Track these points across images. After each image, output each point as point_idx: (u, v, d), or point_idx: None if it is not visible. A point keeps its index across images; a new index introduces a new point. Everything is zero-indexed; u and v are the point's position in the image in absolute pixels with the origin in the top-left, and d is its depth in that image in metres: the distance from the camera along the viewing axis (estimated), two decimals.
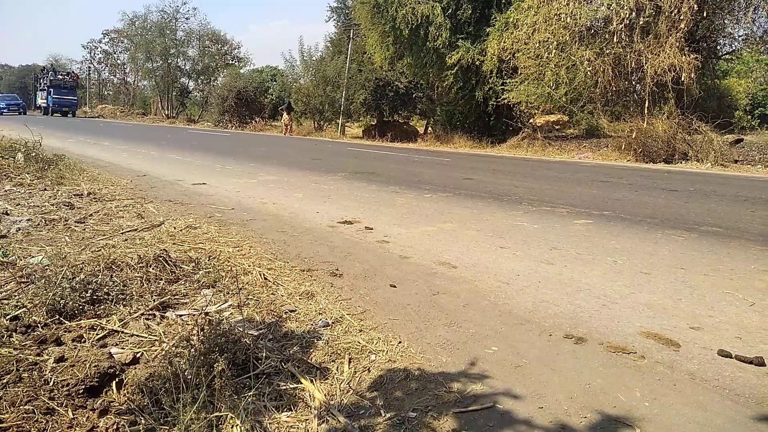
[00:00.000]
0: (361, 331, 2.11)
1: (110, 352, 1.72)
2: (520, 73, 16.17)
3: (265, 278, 2.64)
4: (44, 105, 47.67)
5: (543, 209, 5.17)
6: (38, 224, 3.39)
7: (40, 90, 48.43)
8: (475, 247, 3.59)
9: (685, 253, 3.59)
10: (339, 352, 1.91)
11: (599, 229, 4.29)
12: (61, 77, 46.51)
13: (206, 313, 2.10)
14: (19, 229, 3.22)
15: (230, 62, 43.76)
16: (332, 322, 2.16)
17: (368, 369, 1.81)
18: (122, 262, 2.53)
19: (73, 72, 50.06)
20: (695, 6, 13.63)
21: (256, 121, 31.93)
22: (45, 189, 4.67)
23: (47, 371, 1.55)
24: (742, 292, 2.76)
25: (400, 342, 2.03)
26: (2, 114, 38.61)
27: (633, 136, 13.79)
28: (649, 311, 2.44)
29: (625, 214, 4.99)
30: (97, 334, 1.87)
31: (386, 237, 3.82)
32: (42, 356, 1.65)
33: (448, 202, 5.46)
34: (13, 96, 46.82)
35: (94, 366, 1.57)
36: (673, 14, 13.82)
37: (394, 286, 2.71)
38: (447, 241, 3.74)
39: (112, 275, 2.34)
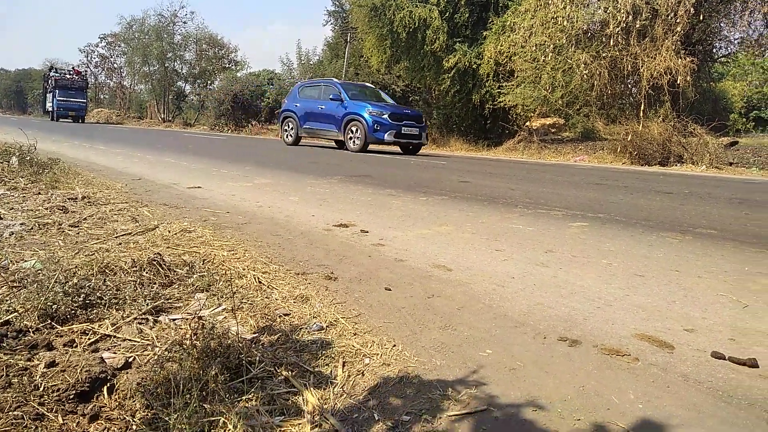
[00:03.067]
0: (355, 334, 2.10)
1: (102, 357, 1.70)
2: (517, 77, 16.27)
3: (260, 282, 2.64)
4: (50, 109, 41.55)
5: (538, 212, 5.17)
6: (32, 228, 3.37)
7: (49, 92, 42.49)
8: (471, 250, 3.59)
9: (680, 255, 3.60)
10: (333, 355, 1.90)
11: (594, 232, 4.29)
12: (69, 76, 41.09)
13: (199, 317, 2.10)
14: (13, 234, 3.20)
15: (227, 66, 43.79)
16: (326, 326, 2.16)
17: (362, 372, 1.80)
18: (116, 266, 2.51)
19: (75, 69, 44.67)
20: (692, 9, 13.74)
21: (252, 125, 31.97)
22: (39, 193, 4.66)
23: (37, 376, 1.54)
24: (736, 294, 2.76)
25: (394, 345, 2.02)
26: None
27: (629, 139, 13.86)
28: (643, 313, 2.44)
29: (621, 217, 5.00)
30: (89, 339, 1.86)
31: (381, 240, 3.81)
32: (32, 361, 1.64)
33: (444, 205, 5.46)
34: None
35: (86, 371, 1.55)
36: (669, 17, 13.92)
37: (389, 290, 2.70)
38: (442, 244, 3.74)
39: (105, 279, 2.33)
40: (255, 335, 2.01)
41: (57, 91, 38.96)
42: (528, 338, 2.14)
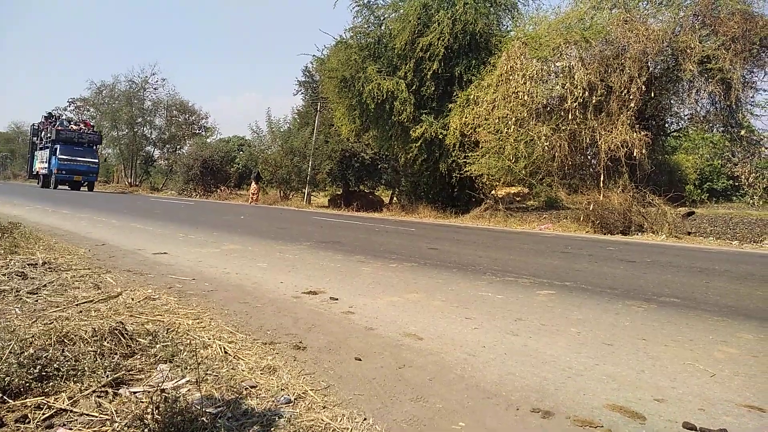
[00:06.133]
0: (324, 407, 2.04)
1: None
2: (481, 147, 16.77)
3: (226, 352, 2.56)
4: (44, 171, 31.12)
5: (506, 279, 5.22)
6: None
7: (41, 149, 32.81)
8: (441, 318, 3.57)
9: (646, 323, 3.65)
10: (301, 430, 1.84)
11: (562, 300, 4.34)
12: (75, 126, 31.45)
13: (162, 390, 2.01)
14: None
15: (197, 132, 44.07)
16: (295, 399, 2.09)
17: None
18: (75, 336, 2.41)
19: (84, 120, 35.43)
20: (643, 87, 14.64)
21: (221, 190, 31.89)
22: None
23: None
24: (703, 363, 2.80)
25: (365, 419, 1.96)
26: None
27: (590, 209, 14.27)
28: (613, 383, 2.45)
29: (586, 285, 5.08)
30: (43, 414, 1.76)
31: (351, 308, 3.77)
32: None
33: (414, 272, 5.47)
34: None
35: None
36: (623, 94, 14.78)
37: (360, 360, 2.65)
38: (413, 312, 3.72)
39: (63, 349, 2.23)
40: (220, 409, 1.93)
41: (59, 146, 28.61)
42: (501, 410, 2.11)
